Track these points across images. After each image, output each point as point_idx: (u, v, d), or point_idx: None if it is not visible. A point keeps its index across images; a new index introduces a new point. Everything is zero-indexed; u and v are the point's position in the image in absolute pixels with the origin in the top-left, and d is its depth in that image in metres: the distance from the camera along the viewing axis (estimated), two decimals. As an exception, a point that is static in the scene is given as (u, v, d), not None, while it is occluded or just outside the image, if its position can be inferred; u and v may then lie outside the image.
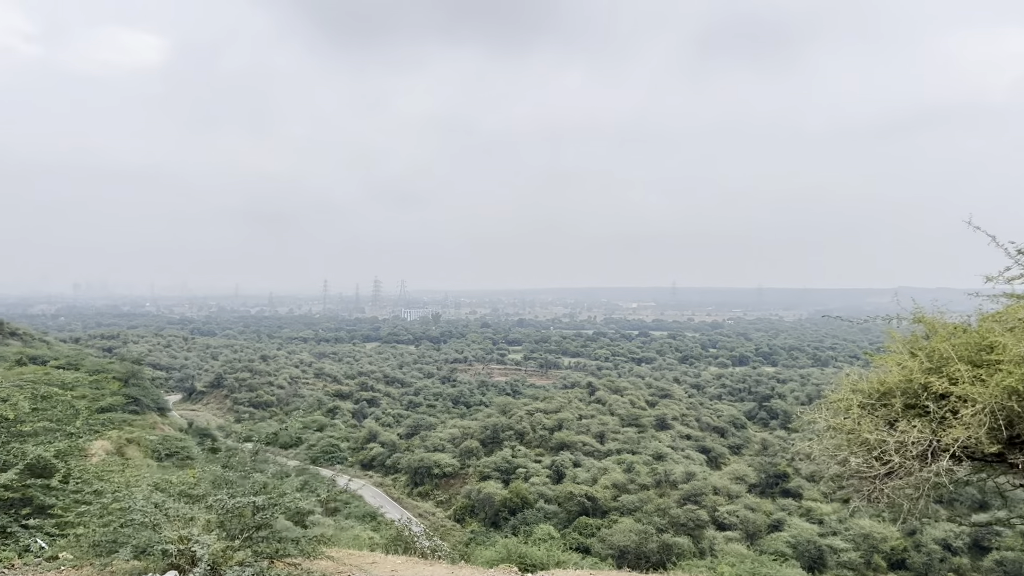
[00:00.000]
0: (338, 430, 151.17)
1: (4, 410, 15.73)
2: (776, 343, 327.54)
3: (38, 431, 16.16)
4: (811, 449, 10.68)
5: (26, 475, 13.77)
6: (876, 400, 10.02)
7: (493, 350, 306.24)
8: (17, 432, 15.64)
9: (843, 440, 9.92)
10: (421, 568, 16.93)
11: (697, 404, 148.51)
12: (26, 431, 15.84)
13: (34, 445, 14.62)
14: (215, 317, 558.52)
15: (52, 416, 18.26)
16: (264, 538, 11.81)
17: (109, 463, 16.13)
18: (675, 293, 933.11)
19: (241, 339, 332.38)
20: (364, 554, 18.51)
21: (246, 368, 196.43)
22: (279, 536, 12.09)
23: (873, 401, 10.03)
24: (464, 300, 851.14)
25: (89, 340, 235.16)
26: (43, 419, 17.17)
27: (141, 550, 10.56)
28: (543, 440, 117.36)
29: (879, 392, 10.07)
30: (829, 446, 10.19)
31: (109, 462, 16.29)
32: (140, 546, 10.53)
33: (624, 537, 74.32)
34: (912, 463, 9.05)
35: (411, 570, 16.49)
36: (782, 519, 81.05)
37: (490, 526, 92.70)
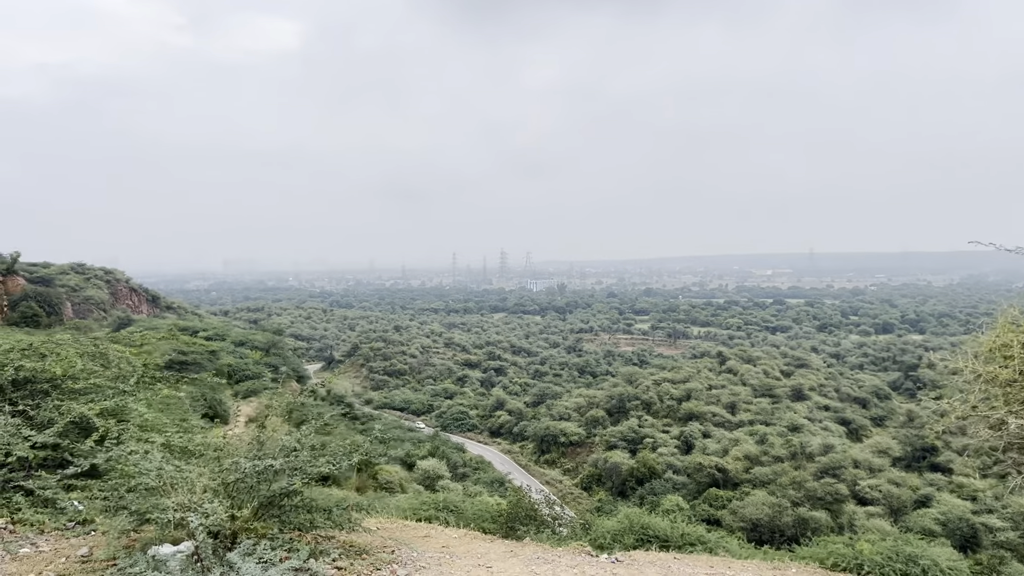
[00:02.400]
0: (467, 398, 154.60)
1: (52, 366, 15.28)
2: (924, 310, 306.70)
3: (88, 389, 15.45)
4: (953, 408, 8.86)
5: (67, 434, 13.06)
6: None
7: (619, 320, 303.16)
8: (69, 389, 15.14)
9: (998, 395, 8.20)
10: (477, 544, 15.86)
11: (836, 374, 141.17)
12: (77, 388, 15.26)
13: (82, 404, 13.88)
14: (352, 290, 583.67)
15: (108, 375, 17.49)
16: (293, 507, 10.66)
17: (155, 422, 15.17)
18: (813, 259, 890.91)
19: (376, 311, 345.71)
20: (418, 526, 17.36)
21: (380, 338, 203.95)
22: (310, 505, 10.92)
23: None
24: (589, 270, 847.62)
25: (237, 313, 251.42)
26: (96, 376, 16.47)
27: (142, 518, 9.54)
28: (671, 410, 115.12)
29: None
30: (979, 404, 8.41)
31: (154, 421, 15.32)
32: (140, 512, 9.52)
33: (756, 510, 71.75)
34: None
35: (465, 546, 15.34)
36: (930, 495, 75.68)
37: (617, 495, 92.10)
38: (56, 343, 18.57)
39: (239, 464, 10.17)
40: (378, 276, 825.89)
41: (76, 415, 13.20)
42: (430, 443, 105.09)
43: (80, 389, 15.08)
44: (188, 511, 9.11)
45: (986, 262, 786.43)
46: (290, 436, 11.69)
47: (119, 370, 18.37)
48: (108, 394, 15.14)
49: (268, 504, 10.39)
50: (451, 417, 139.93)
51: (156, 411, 16.97)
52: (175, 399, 26.40)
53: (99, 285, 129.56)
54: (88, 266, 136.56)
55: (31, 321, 74.19)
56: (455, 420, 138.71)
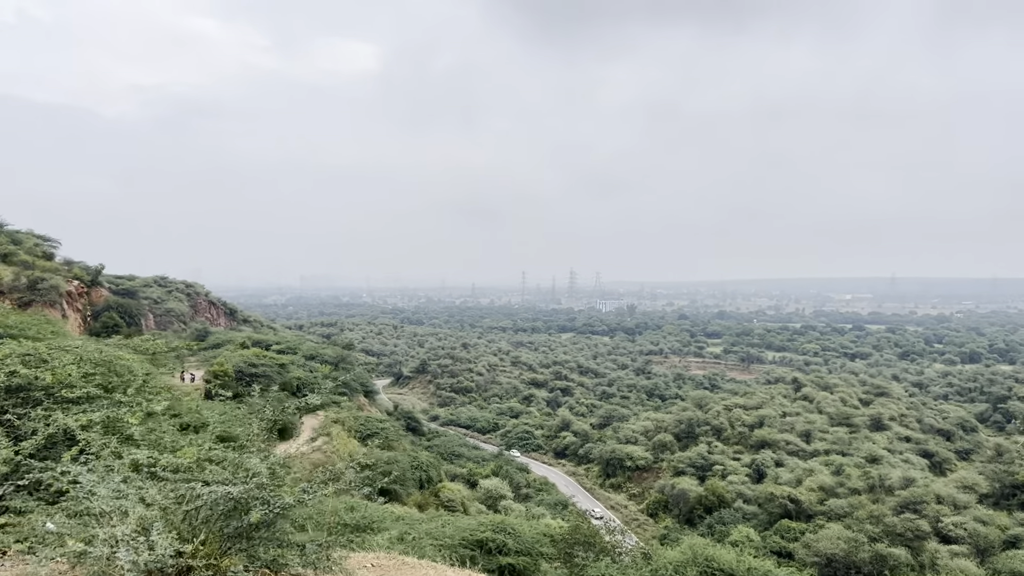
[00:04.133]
0: (533, 417, 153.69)
1: (44, 373, 14.30)
2: (1014, 339, 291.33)
3: (81, 399, 14.16)
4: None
5: (51, 447, 11.78)
6: None
7: (690, 342, 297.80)
8: (63, 398, 14.00)
9: None
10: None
11: (919, 404, 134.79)
12: (72, 397, 14.09)
13: (70, 415, 12.59)
14: (423, 307, 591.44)
15: (103, 383, 16.17)
16: (264, 540, 9.10)
17: (148, 436, 13.29)
18: (895, 284, 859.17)
19: (445, 328, 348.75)
20: (418, 565, 15.25)
21: (448, 355, 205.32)
22: (282, 540, 9.38)
23: None
24: (660, 291, 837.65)
25: (311, 327, 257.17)
26: (91, 385, 15.21)
27: (80, 552, 8.01)
28: (742, 437, 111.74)
29: None
30: None
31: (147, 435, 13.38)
32: (81, 542, 8.06)
33: (831, 544, 68.53)
34: None
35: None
36: (1021, 535, 71.04)
37: (684, 523, 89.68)
38: (59, 348, 18.02)
39: (195, 490, 8.77)
40: (448, 294, 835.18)
41: (58, 427, 12.14)
42: (494, 462, 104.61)
43: (75, 398, 14.18)
44: (123, 543, 7.73)
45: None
46: (260, 458, 10.16)
47: (118, 379, 17.31)
48: (102, 404, 14.24)
49: (236, 536, 8.92)
50: (516, 436, 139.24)
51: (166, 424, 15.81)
52: (234, 411, 26.50)
53: (180, 298, 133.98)
54: (170, 279, 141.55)
55: (112, 331, 76.94)
56: (520, 439, 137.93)
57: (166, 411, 20.01)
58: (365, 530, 29.48)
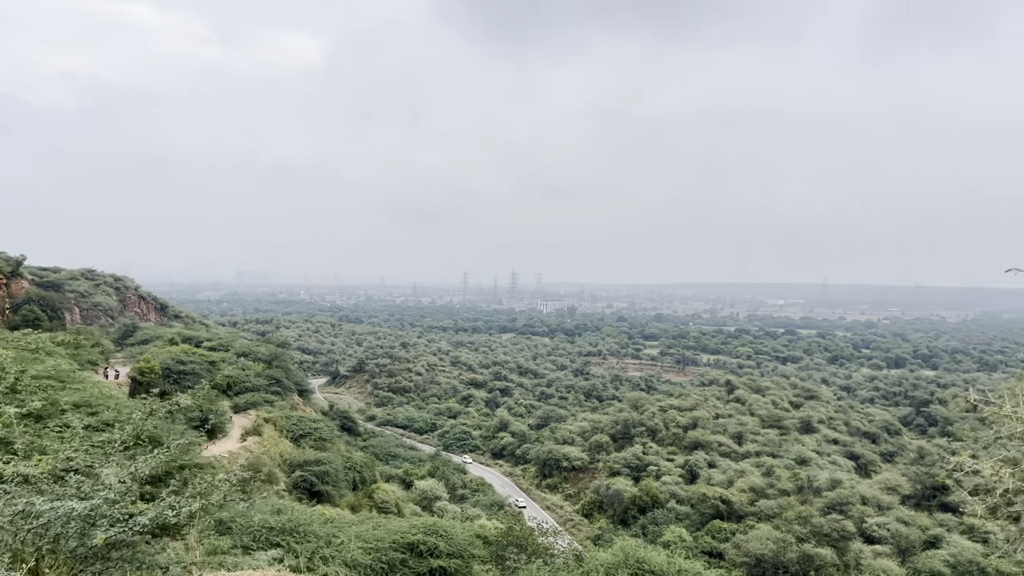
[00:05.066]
0: (471, 418, 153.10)
1: None
2: (937, 345, 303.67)
3: None
4: (998, 477, 7.26)
5: None
6: None
7: (628, 344, 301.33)
8: None
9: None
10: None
11: (846, 407, 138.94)
12: None
13: None
14: (363, 305, 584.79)
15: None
16: (120, 562, 7.98)
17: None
18: (826, 290, 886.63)
19: (385, 327, 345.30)
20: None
21: (387, 354, 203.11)
22: (140, 561, 8.21)
23: None
24: (601, 293, 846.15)
25: (245, 324, 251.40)
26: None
27: None
28: (676, 438, 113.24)
29: None
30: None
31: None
32: None
33: (761, 544, 69.81)
34: None
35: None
36: (940, 535, 73.43)
37: (619, 523, 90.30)
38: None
39: (34, 506, 7.74)
40: (389, 292, 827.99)
41: None
42: (430, 463, 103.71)
43: None
44: None
45: (1001, 299, 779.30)
46: (112, 469, 8.97)
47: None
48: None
49: (89, 558, 7.93)
50: (454, 437, 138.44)
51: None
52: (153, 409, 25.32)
53: (108, 292, 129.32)
54: (98, 272, 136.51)
55: (32, 325, 73.37)
56: (458, 440, 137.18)
57: (76, 408, 18.67)
58: (291, 534, 28.57)
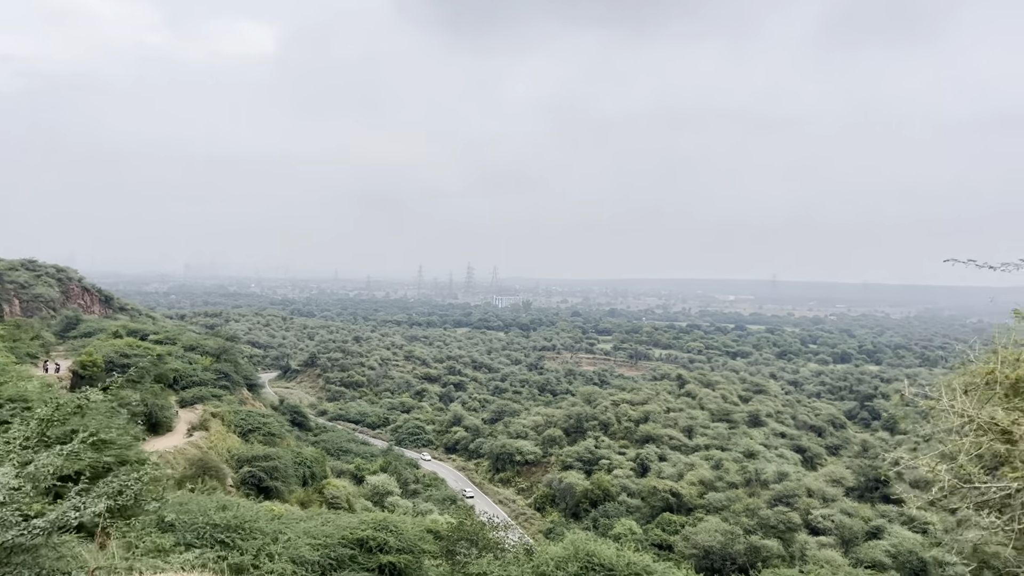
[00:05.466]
0: (424, 412, 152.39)
1: None
2: (881, 341, 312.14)
3: None
4: (934, 473, 7.19)
5: None
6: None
7: (582, 339, 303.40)
8: None
9: (1001, 452, 6.74)
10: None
11: (794, 401, 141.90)
12: None
13: None
14: (315, 299, 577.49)
15: None
16: (18, 567, 7.59)
17: None
18: (775, 287, 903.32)
19: (338, 321, 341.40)
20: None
21: (339, 349, 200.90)
22: (41, 568, 7.74)
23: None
24: (555, 288, 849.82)
25: (194, 317, 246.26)
26: None
27: None
28: (628, 432, 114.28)
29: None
30: (969, 465, 6.88)
31: None
32: None
33: (709, 537, 70.88)
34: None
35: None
36: (882, 526, 75.55)
37: (570, 517, 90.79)
38: None
39: None
40: (343, 286, 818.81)
41: None
42: (382, 458, 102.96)
43: None
44: None
45: (942, 297, 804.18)
46: (5, 468, 8.52)
47: None
48: None
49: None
50: (407, 432, 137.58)
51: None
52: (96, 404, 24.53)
53: (50, 283, 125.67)
54: (40, 263, 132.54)
55: (-34, 316, 70.89)
56: (411, 435, 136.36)
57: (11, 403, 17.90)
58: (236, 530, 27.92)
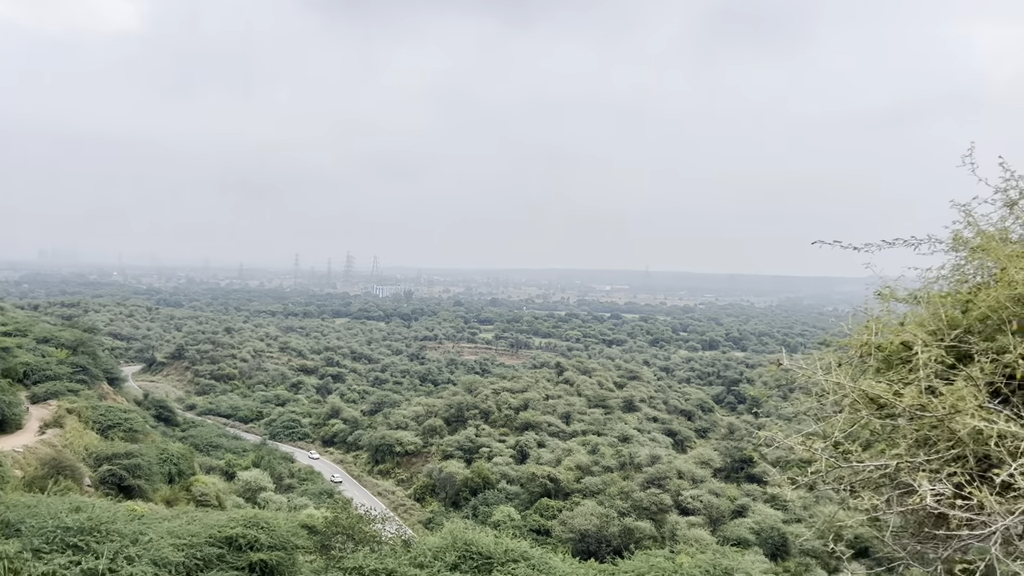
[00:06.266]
0: (300, 405, 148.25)
1: None
2: (747, 328, 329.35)
3: None
4: (810, 452, 7.06)
5: None
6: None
7: (464, 329, 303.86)
8: None
9: (878, 428, 6.74)
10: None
11: (666, 387, 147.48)
12: None
13: None
14: (183, 288, 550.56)
15: None
16: None
17: None
18: (648, 277, 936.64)
19: (208, 311, 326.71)
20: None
21: (209, 340, 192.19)
22: None
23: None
24: (437, 278, 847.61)
25: (49, 308, 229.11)
26: None
27: None
28: (508, 420, 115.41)
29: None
30: (847, 443, 6.83)
31: None
32: None
33: (585, 520, 72.68)
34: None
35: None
36: (746, 505, 79.93)
37: (451, 506, 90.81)
38: None
39: None
40: (213, 275, 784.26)
41: None
42: (255, 452, 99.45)
43: None
44: None
45: (803, 287, 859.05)
46: None
47: None
48: None
49: None
50: (281, 425, 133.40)
51: None
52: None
53: None
54: None
55: None
56: (286, 428, 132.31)
57: None
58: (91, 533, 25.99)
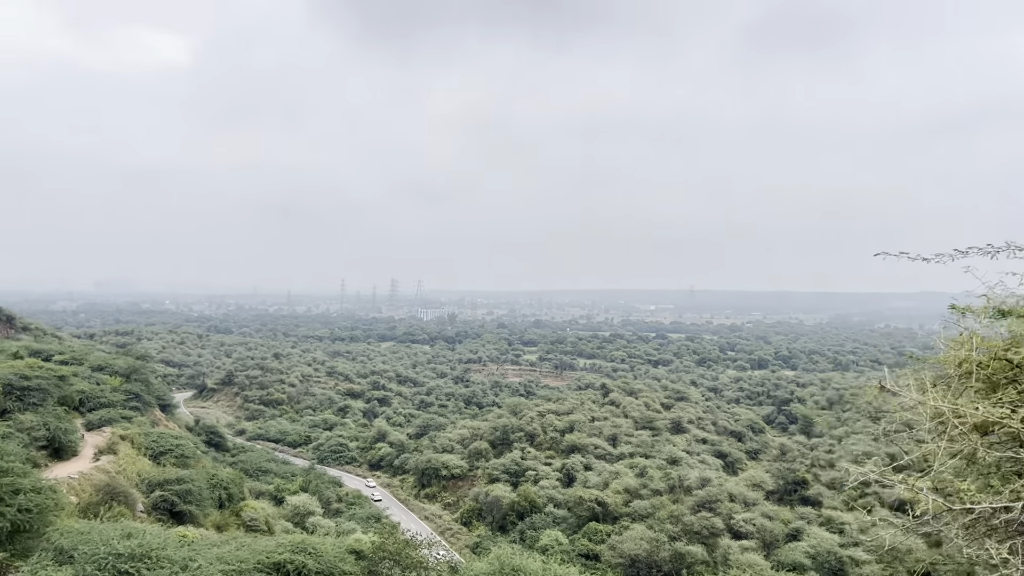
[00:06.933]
0: (348, 429, 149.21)
1: None
2: (796, 347, 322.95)
3: None
4: (915, 494, 6.24)
5: None
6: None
7: (508, 351, 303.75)
8: None
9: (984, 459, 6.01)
10: None
11: (714, 407, 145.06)
12: None
13: None
14: (233, 315, 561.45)
15: None
16: None
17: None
18: (694, 296, 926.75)
19: (257, 337, 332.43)
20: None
21: (258, 366, 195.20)
22: None
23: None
24: (481, 300, 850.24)
25: (104, 336, 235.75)
26: None
27: None
28: (554, 442, 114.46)
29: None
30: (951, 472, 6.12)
31: None
32: None
33: (635, 545, 71.32)
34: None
35: None
36: (801, 528, 77.64)
37: (497, 530, 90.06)
38: None
39: None
40: (262, 301, 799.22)
41: None
42: (303, 477, 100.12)
43: None
44: None
45: (852, 304, 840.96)
46: None
47: None
48: None
49: None
50: (329, 449, 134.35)
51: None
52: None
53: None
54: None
55: None
56: (333, 453, 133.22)
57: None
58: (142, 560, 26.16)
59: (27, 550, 20.55)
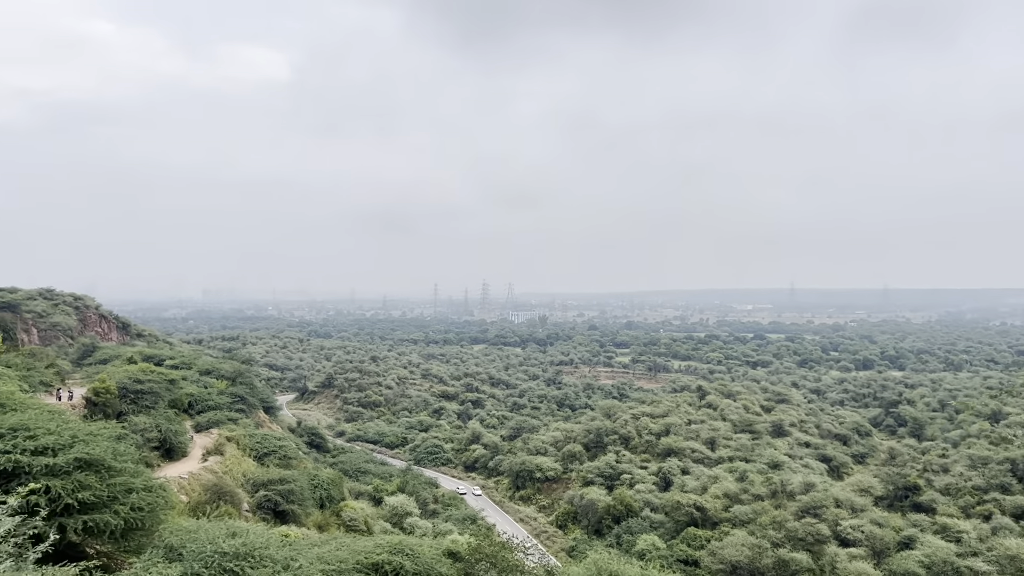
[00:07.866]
0: (442, 431, 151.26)
1: None
2: (903, 346, 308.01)
3: None
4: None
5: None
6: None
7: (600, 352, 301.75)
8: None
9: None
10: None
11: (817, 410, 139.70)
12: None
13: None
14: (332, 320, 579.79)
15: None
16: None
17: None
18: (793, 295, 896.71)
19: (355, 341, 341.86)
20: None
21: (356, 369, 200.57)
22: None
23: None
24: (571, 303, 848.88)
25: (211, 342, 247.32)
26: None
27: None
28: (649, 445, 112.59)
29: None
30: None
31: None
32: None
33: (736, 551, 69.10)
34: None
35: None
36: (913, 536, 73.43)
37: (593, 533, 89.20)
38: None
39: None
40: (359, 306, 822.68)
41: None
42: (400, 478, 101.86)
43: None
44: None
45: (964, 300, 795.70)
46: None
47: None
48: None
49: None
50: (425, 451, 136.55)
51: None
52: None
53: (67, 311, 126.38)
54: (57, 292, 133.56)
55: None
56: (429, 454, 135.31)
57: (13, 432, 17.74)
58: (246, 558, 26.94)
59: (140, 547, 21.39)
